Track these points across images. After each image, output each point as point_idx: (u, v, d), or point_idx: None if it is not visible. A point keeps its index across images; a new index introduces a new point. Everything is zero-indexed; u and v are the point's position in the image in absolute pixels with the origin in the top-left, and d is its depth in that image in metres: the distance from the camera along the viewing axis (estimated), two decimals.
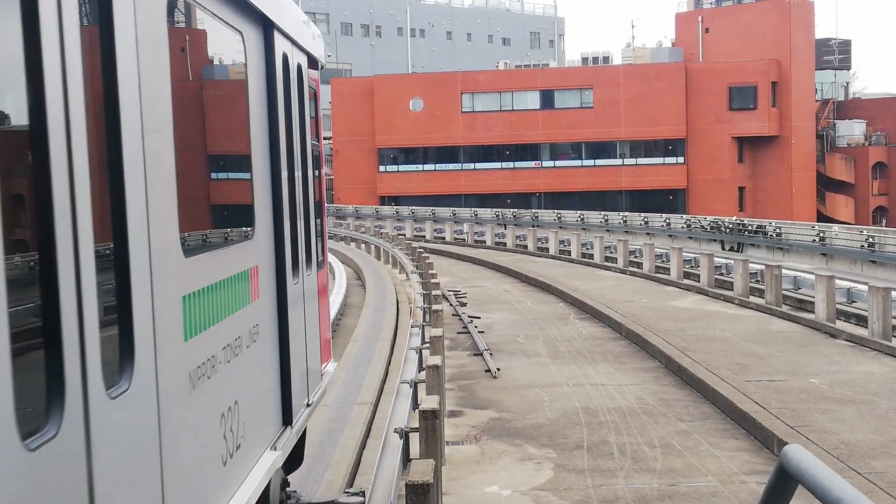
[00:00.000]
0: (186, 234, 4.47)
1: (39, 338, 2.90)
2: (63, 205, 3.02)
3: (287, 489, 7.43)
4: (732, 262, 29.38)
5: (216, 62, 5.88)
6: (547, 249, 44.18)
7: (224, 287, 5.16)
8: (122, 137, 3.66)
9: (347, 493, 8.38)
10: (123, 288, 3.61)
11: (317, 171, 8.77)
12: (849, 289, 24.43)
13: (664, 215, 57.59)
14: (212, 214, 5.72)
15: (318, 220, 8.64)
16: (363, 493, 7.97)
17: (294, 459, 7.79)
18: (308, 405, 7.54)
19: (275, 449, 6.35)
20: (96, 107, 3.48)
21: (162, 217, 4.06)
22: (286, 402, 6.78)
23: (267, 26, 6.48)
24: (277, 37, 6.70)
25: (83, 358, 3.08)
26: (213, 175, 5.82)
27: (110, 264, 3.56)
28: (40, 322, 2.91)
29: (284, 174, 6.84)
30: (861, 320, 21.09)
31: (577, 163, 76.21)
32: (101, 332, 3.27)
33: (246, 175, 6.06)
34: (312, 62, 8.34)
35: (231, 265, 5.40)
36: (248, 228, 6.00)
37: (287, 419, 6.80)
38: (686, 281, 30.08)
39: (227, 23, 5.46)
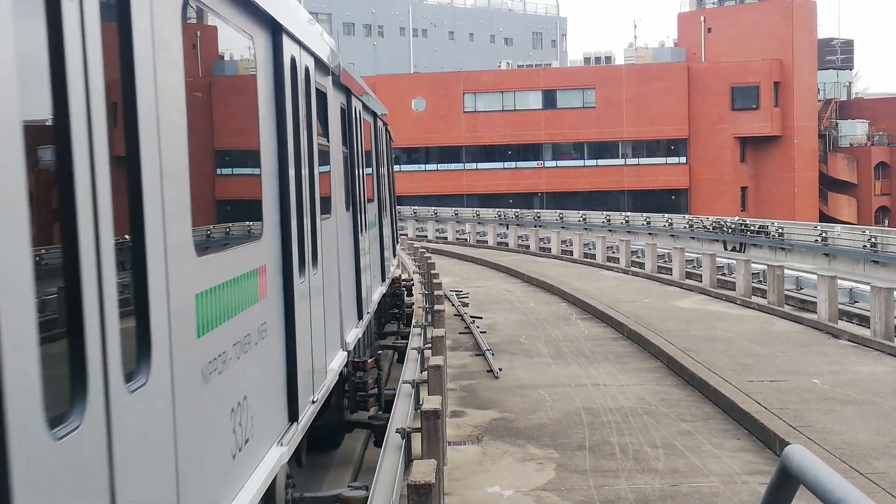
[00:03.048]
0: (197, 232, 4.64)
1: (64, 334, 3.03)
2: (85, 205, 3.16)
3: (291, 485, 7.45)
4: (735, 262, 29.38)
5: (227, 62, 6.11)
6: (549, 249, 44.16)
7: (233, 286, 5.38)
8: (140, 138, 3.81)
9: (352, 486, 8.48)
10: (141, 286, 3.78)
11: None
12: (851, 289, 24.41)
13: (666, 215, 57.58)
14: (219, 212, 5.84)
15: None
16: (367, 488, 8.03)
17: (298, 458, 7.97)
18: (313, 402, 7.77)
19: (281, 444, 6.53)
20: (115, 106, 3.62)
21: (176, 216, 4.23)
22: (292, 400, 6.99)
23: (276, 30, 6.79)
24: (286, 40, 7.02)
25: (104, 354, 3.22)
26: (219, 172, 5.93)
27: (129, 263, 3.70)
28: (65, 319, 3.05)
29: (291, 172, 7.00)
30: (863, 320, 21.07)
31: (580, 163, 76.20)
32: (121, 329, 3.41)
33: (255, 171, 6.37)
34: (320, 65, 8.80)
35: (239, 265, 5.57)
36: (257, 227, 6.21)
37: (293, 416, 7.00)
38: (688, 281, 30.06)
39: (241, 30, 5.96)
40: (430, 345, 14.25)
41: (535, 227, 54.36)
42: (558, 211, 63.46)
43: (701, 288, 28.05)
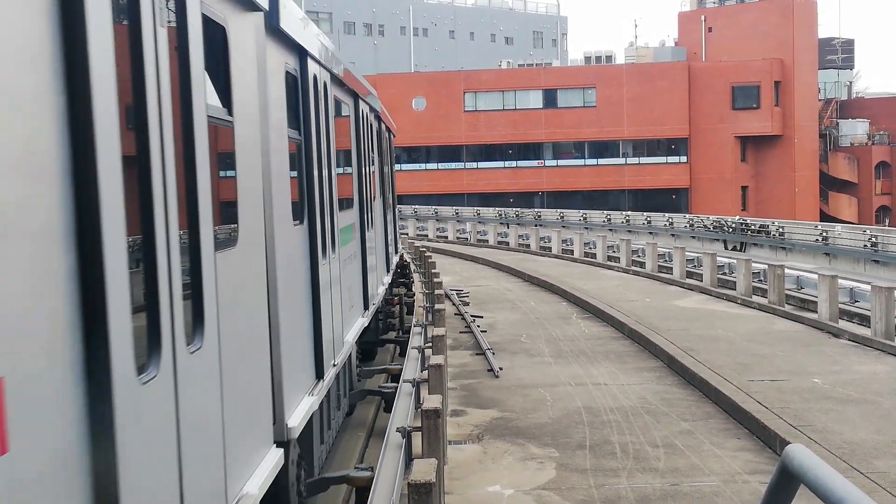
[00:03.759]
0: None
1: (146, 308, 3.96)
2: (161, 207, 4.08)
3: (304, 467, 8.29)
4: (735, 261, 29.36)
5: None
6: (550, 249, 44.15)
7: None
8: (210, 156, 4.92)
9: (357, 468, 9.12)
10: (197, 272, 4.70)
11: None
12: (852, 288, 24.41)
13: (667, 215, 57.58)
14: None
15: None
16: (372, 469, 8.52)
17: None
18: (334, 366, 9.52)
19: (311, 395, 8.17)
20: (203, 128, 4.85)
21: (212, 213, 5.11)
22: (319, 362, 8.74)
23: (302, 56, 8.47)
24: (311, 63, 8.67)
25: (173, 323, 4.18)
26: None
27: (187, 253, 4.55)
28: (146, 298, 3.97)
29: (315, 173, 8.73)
30: (864, 320, 21.06)
31: (580, 162, 76.19)
32: (184, 304, 4.39)
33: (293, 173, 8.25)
34: (335, 79, 10.38)
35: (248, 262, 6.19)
36: (298, 218, 8.13)
37: (319, 374, 8.75)
38: (689, 280, 30.06)
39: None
40: (430, 344, 14.25)
41: (536, 226, 54.35)
42: (559, 210, 63.45)
43: (701, 287, 28.04)
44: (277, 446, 6.46)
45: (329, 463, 10.60)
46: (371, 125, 15.71)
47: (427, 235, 57.33)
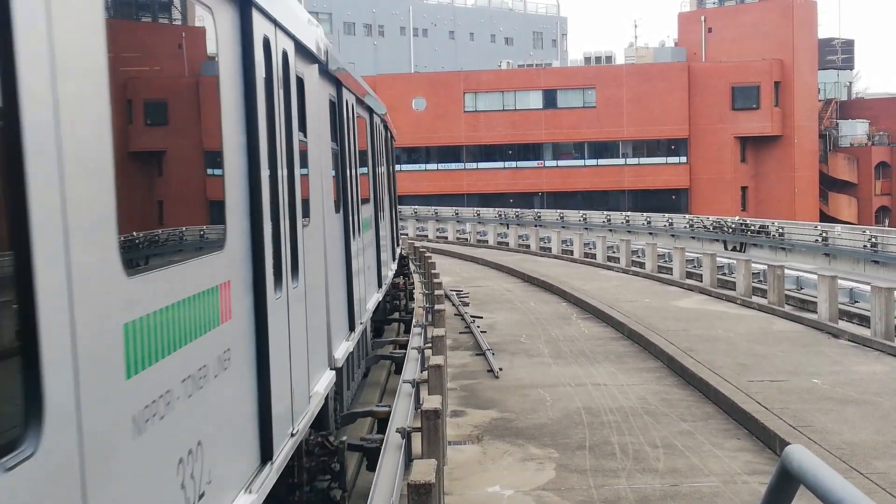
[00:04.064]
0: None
1: (275, 258, 6.32)
2: (283, 198, 6.73)
3: (338, 400, 10.30)
4: (735, 262, 29.37)
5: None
6: (549, 249, 44.15)
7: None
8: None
9: (378, 405, 11.25)
10: (295, 239, 7.10)
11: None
12: (851, 289, 24.42)
13: (667, 215, 57.60)
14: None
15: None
16: (389, 406, 10.77)
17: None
18: (361, 324, 11.66)
19: (347, 341, 10.70)
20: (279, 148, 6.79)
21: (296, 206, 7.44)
22: (351, 317, 11.12)
23: (339, 87, 10.60)
24: (345, 92, 10.96)
25: (287, 268, 6.70)
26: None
27: (290, 226, 6.92)
28: (273, 252, 6.22)
29: (347, 175, 11.02)
30: (864, 320, 21.07)
31: (580, 162, 76.21)
32: (291, 257, 6.91)
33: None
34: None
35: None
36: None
37: (352, 327, 11.20)
38: (688, 281, 30.07)
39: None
40: (430, 344, 14.25)
41: (536, 226, 54.36)
42: (559, 210, 63.46)
43: (701, 288, 28.05)
44: (330, 370, 9.06)
45: (353, 408, 12.51)
46: (380, 132, 18.23)
47: (427, 236, 57.34)
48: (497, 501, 9.95)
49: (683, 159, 75.18)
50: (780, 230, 47.36)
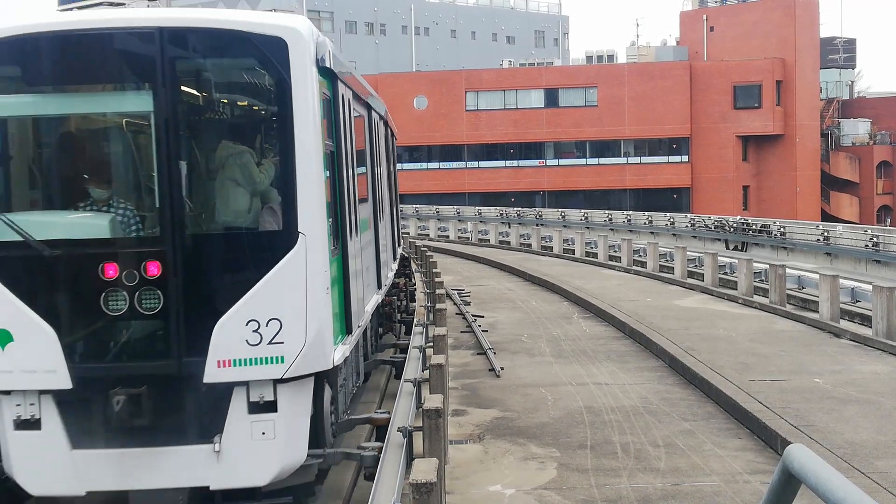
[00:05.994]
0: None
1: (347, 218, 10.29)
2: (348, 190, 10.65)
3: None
4: (736, 261, 29.34)
5: None
6: (551, 248, 44.13)
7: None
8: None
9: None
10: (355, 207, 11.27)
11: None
12: (853, 288, 24.38)
13: (668, 214, 57.55)
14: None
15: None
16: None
17: None
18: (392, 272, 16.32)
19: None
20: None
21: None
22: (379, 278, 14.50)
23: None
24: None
25: (351, 224, 10.47)
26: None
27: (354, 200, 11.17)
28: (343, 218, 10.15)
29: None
30: (865, 320, 21.05)
31: (582, 161, 76.18)
32: (355, 217, 10.97)
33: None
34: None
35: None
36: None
37: (378, 286, 14.41)
38: (690, 280, 30.05)
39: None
40: (431, 343, 14.26)
41: (537, 225, 54.32)
42: (560, 210, 63.42)
43: (703, 287, 28.03)
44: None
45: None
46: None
47: (428, 235, 57.33)
48: (499, 500, 9.95)
49: (685, 158, 75.14)
50: (782, 229, 47.32)
